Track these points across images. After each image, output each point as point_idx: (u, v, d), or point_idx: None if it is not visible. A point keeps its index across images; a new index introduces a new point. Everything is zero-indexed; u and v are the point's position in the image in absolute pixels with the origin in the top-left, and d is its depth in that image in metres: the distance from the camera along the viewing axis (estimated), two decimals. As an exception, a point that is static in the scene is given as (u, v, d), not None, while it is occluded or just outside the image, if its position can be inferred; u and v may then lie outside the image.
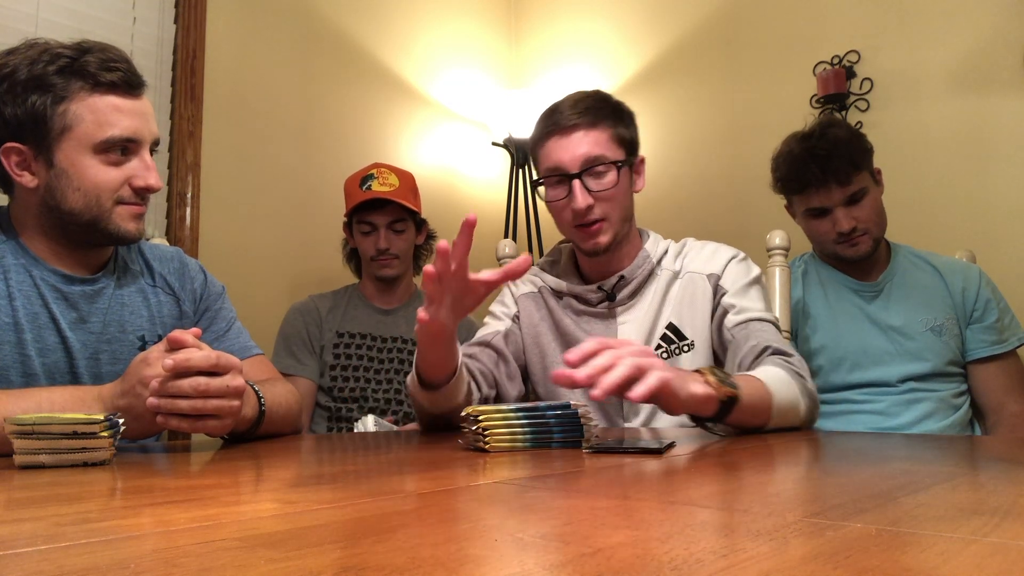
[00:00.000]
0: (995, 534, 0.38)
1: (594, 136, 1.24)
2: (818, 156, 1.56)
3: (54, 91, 1.01)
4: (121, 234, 1.07)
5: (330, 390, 1.89)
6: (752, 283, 1.26)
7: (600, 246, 1.25)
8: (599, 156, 1.23)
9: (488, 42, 3.03)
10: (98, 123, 1.03)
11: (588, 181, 1.23)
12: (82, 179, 1.03)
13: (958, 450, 0.88)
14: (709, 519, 0.43)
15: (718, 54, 2.51)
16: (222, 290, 1.26)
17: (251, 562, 0.33)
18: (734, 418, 0.96)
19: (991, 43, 1.98)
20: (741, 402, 0.95)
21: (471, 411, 0.85)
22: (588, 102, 1.26)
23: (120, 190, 1.05)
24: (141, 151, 1.07)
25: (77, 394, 0.89)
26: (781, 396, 1.04)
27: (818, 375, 1.65)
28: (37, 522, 0.44)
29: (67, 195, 1.03)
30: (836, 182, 1.57)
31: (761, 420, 1.01)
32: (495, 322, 1.38)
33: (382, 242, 1.88)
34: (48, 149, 1.03)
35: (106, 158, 1.04)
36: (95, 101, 1.03)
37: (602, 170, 1.23)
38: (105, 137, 1.03)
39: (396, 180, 1.90)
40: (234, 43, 2.23)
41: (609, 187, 1.23)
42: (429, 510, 0.48)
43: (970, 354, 1.61)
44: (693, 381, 0.91)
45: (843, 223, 1.58)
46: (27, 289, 1.04)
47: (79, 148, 1.03)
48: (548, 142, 1.26)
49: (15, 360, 1.01)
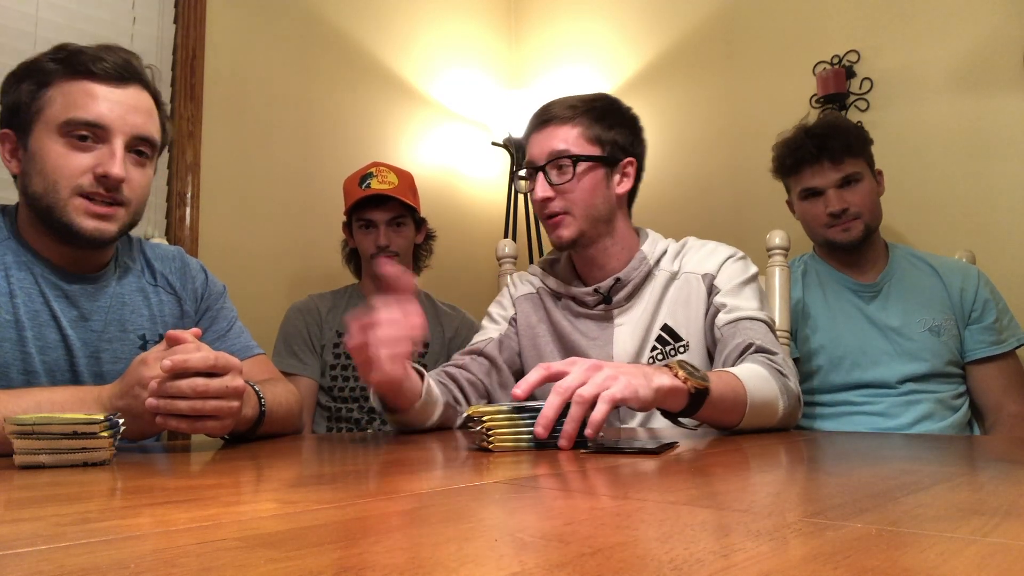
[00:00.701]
0: (995, 534, 0.38)
1: (564, 132, 1.26)
2: (814, 135, 1.63)
3: (38, 77, 1.01)
4: (75, 229, 1.00)
5: (330, 389, 1.89)
6: (747, 282, 1.26)
7: (562, 239, 1.27)
8: (562, 151, 1.25)
9: (488, 42, 3.03)
10: (65, 104, 1.00)
11: (551, 174, 1.26)
12: (44, 162, 1.00)
13: (958, 450, 0.88)
14: (709, 519, 0.43)
15: (718, 54, 2.51)
16: (223, 290, 1.26)
17: (251, 562, 0.33)
18: (705, 412, 0.96)
19: (991, 43, 1.98)
20: (712, 395, 0.94)
21: (474, 411, 0.86)
22: (574, 101, 1.29)
23: (80, 178, 1.00)
24: (111, 140, 1.01)
25: (78, 395, 0.89)
26: (757, 393, 1.03)
27: (817, 375, 1.65)
28: (37, 522, 0.44)
29: (32, 179, 1.01)
30: (829, 160, 1.61)
31: (735, 416, 1.01)
32: (491, 326, 1.38)
33: (381, 239, 1.88)
34: (27, 134, 1.02)
35: (69, 142, 1.00)
36: (70, 85, 1.01)
37: (564, 164, 1.25)
38: (67, 117, 0.99)
39: (395, 178, 1.91)
40: (234, 43, 2.23)
41: (565, 181, 1.25)
42: (429, 510, 0.48)
43: (969, 355, 1.62)
44: (659, 374, 0.91)
45: (834, 203, 1.61)
46: (28, 286, 1.03)
47: (47, 130, 1.00)
48: (530, 136, 1.31)
49: (15, 358, 1.01)
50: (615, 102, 1.33)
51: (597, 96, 1.32)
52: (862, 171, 1.63)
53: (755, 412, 1.02)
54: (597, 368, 0.88)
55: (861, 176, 1.63)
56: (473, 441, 0.86)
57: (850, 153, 1.61)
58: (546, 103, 1.32)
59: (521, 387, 0.87)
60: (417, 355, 1.95)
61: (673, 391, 0.91)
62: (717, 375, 0.99)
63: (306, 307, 1.94)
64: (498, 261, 1.70)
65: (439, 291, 2.16)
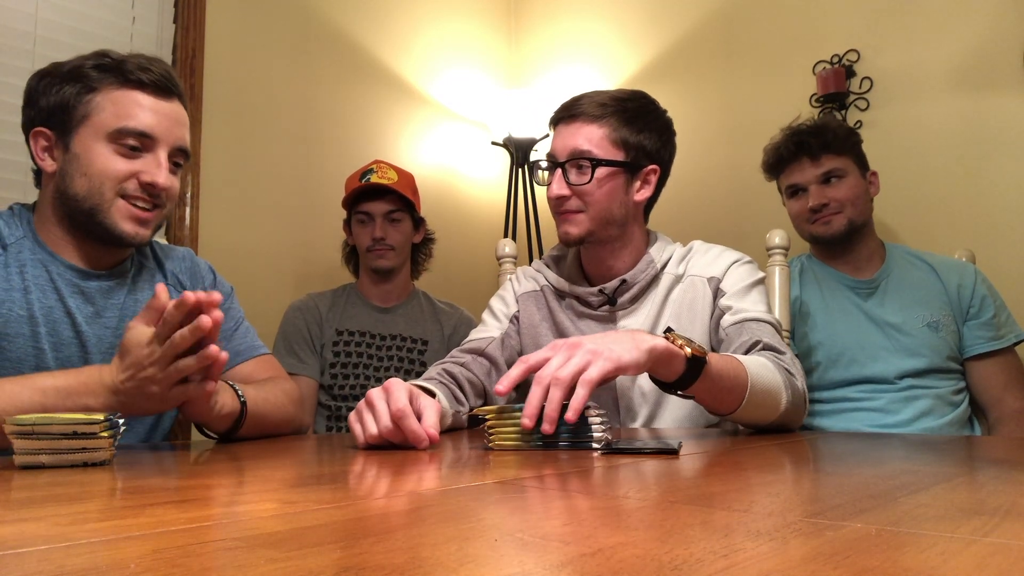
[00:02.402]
0: (995, 534, 0.38)
1: (590, 131, 1.23)
2: (794, 134, 1.68)
3: (85, 82, 1.05)
4: (117, 232, 1.05)
5: (330, 388, 1.89)
6: (753, 285, 1.25)
7: (570, 236, 1.25)
8: (585, 151, 1.22)
9: (488, 42, 3.03)
10: (116, 113, 1.04)
11: (570, 172, 1.23)
12: (90, 164, 1.04)
13: (958, 450, 0.88)
14: (709, 519, 0.43)
15: (717, 53, 2.51)
16: (231, 291, 1.28)
17: (251, 562, 0.33)
18: (703, 387, 0.93)
19: (991, 43, 1.98)
20: (710, 367, 0.91)
21: (480, 412, 0.86)
22: (605, 98, 1.25)
23: (125, 183, 1.05)
24: (156, 150, 1.06)
25: (81, 379, 0.89)
26: (759, 380, 0.99)
27: (815, 371, 1.65)
28: (37, 522, 0.44)
29: (74, 179, 1.05)
30: (808, 156, 1.66)
31: (733, 398, 0.97)
32: (493, 323, 1.37)
33: (378, 231, 1.89)
34: (68, 135, 1.05)
35: (118, 148, 1.04)
36: (120, 94, 1.05)
37: (584, 165, 1.22)
38: (119, 126, 1.04)
39: (395, 175, 1.93)
40: (234, 43, 2.22)
41: (584, 183, 1.22)
42: (429, 510, 0.48)
43: (968, 350, 1.62)
44: (653, 338, 0.88)
45: (814, 198, 1.65)
46: (43, 283, 1.05)
47: (95, 135, 1.04)
48: (554, 128, 1.28)
49: (29, 354, 1.02)
50: (649, 104, 1.28)
51: (632, 95, 1.27)
52: (845, 168, 1.65)
53: (756, 399, 0.99)
54: (575, 347, 0.85)
55: (843, 173, 1.65)
56: (486, 440, 0.87)
57: (829, 150, 1.65)
58: (579, 94, 1.27)
59: (503, 383, 0.85)
60: (416, 352, 1.95)
61: (668, 354, 0.89)
62: (719, 355, 0.97)
63: (306, 306, 1.94)
64: (498, 261, 1.70)
65: (439, 291, 2.16)
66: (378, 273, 1.94)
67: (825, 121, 1.73)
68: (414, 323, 1.97)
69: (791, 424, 1.11)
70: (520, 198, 2.74)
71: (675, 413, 1.26)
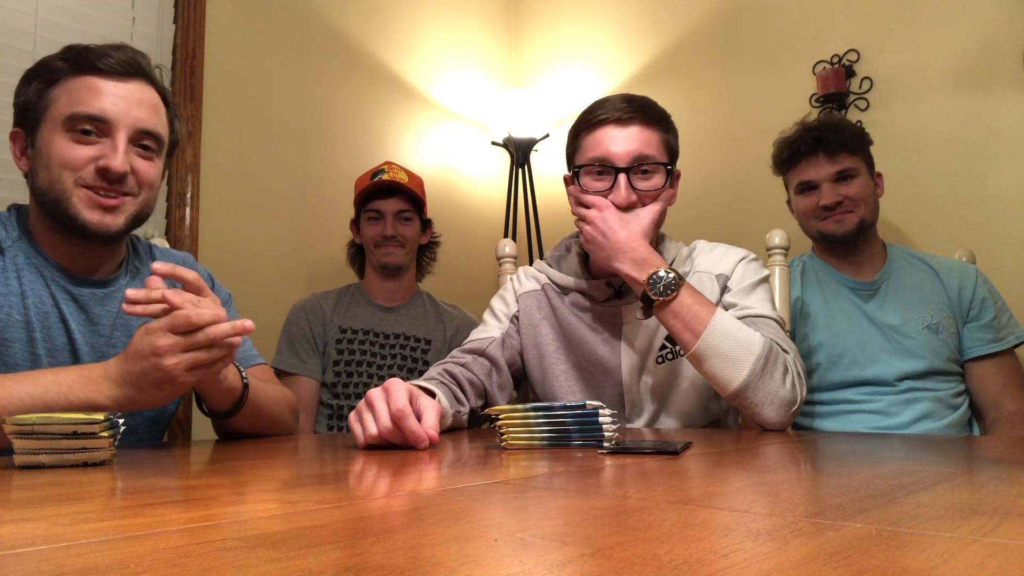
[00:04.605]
0: (995, 534, 0.38)
1: (648, 135, 1.21)
2: (811, 130, 1.67)
3: (46, 75, 1.03)
4: (80, 221, 1.01)
5: (333, 386, 1.89)
6: (758, 283, 1.25)
7: None
8: (651, 155, 1.20)
9: (488, 44, 3.03)
10: (69, 101, 1.02)
11: (634, 178, 1.20)
12: (49, 156, 1.01)
13: (958, 450, 0.88)
14: (709, 519, 0.43)
15: (717, 54, 2.51)
16: (228, 297, 1.27)
17: (251, 562, 0.33)
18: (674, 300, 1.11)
19: (991, 42, 1.98)
20: (683, 282, 1.11)
21: (492, 411, 0.87)
22: (643, 101, 1.24)
23: (82, 171, 1.01)
24: (114, 134, 1.02)
25: (84, 373, 0.89)
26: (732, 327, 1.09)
27: (815, 373, 1.65)
28: (37, 522, 0.44)
29: (39, 174, 1.03)
30: (825, 153, 1.65)
31: (698, 324, 1.10)
32: (493, 322, 1.37)
33: (388, 228, 1.91)
34: (35, 131, 1.04)
35: (73, 136, 1.01)
36: (75, 81, 1.02)
37: (650, 170, 1.21)
38: (71, 112, 1.01)
39: (405, 176, 1.97)
40: (234, 43, 2.22)
41: (654, 189, 1.21)
42: (429, 510, 0.48)
43: (967, 352, 1.62)
44: (652, 263, 1.15)
45: (828, 196, 1.64)
46: (39, 288, 1.04)
47: (53, 127, 1.02)
48: (597, 131, 1.22)
49: (24, 359, 1.01)
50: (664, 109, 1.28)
51: (652, 100, 1.26)
52: (858, 168, 1.65)
53: (721, 341, 1.08)
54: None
55: (857, 172, 1.65)
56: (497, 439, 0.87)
57: (846, 149, 1.64)
58: (605, 98, 1.24)
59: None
60: (419, 352, 1.95)
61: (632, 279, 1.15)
62: (692, 294, 1.13)
63: (310, 305, 1.95)
64: (498, 261, 1.70)
65: (439, 291, 2.16)
66: (386, 270, 1.95)
67: (837, 119, 1.74)
68: (417, 323, 1.98)
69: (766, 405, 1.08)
70: (520, 198, 2.74)
71: (680, 408, 1.26)
